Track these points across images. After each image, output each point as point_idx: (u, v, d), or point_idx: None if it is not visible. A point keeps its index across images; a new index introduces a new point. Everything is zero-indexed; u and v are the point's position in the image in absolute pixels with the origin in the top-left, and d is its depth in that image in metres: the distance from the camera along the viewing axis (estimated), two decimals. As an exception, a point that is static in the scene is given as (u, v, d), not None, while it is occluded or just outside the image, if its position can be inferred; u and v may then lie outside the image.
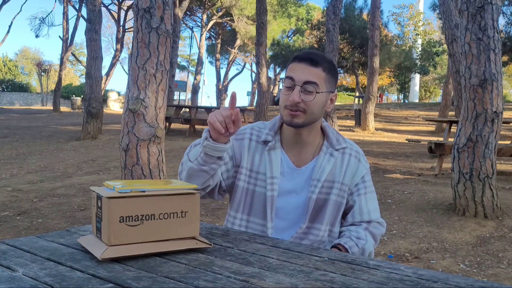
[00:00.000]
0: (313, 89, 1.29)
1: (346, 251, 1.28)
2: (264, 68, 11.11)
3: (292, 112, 1.29)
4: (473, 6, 3.81)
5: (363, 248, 1.32)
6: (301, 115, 1.30)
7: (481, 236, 3.48)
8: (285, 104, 1.31)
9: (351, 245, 1.30)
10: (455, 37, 7.74)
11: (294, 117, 1.30)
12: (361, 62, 20.77)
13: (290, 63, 1.34)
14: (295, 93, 1.28)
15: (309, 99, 1.29)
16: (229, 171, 1.39)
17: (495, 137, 3.87)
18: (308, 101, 1.29)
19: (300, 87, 1.28)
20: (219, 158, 1.24)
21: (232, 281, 0.81)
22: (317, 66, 1.31)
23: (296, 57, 1.35)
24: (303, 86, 1.29)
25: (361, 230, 1.37)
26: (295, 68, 1.31)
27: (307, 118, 1.31)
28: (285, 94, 1.31)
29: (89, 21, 9.94)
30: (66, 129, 12.48)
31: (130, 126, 3.25)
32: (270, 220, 1.35)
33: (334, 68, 1.36)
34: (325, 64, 1.32)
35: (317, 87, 1.29)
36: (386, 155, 7.93)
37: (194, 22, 30.46)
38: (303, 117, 1.30)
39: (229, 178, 1.40)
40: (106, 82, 23.54)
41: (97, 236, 0.97)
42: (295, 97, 1.28)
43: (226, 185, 1.40)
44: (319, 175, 1.35)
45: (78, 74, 49.85)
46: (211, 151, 1.21)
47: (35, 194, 4.99)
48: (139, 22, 3.27)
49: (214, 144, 1.20)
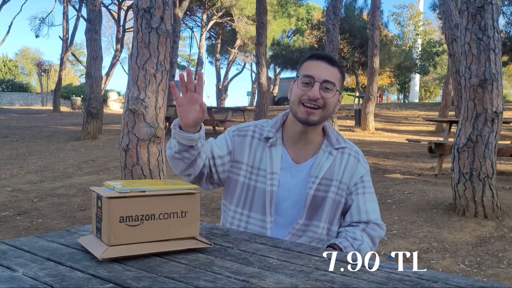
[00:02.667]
0: (331, 87, 1.33)
1: (340, 250, 1.29)
2: (264, 68, 11.11)
3: (308, 109, 1.32)
4: (473, 6, 3.81)
5: (358, 249, 1.33)
6: (318, 112, 1.33)
7: (481, 236, 3.48)
8: (301, 99, 1.33)
9: (346, 245, 1.31)
10: (455, 37, 7.74)
11: (310, 114, 1.32)
12: (361, 62, 20.77)
13: (306, 61, 1.38)
14: (315, 89, 1.31)
15: (328, 97, 1.33)
16: (224, 164, 1.40)
17: (495, 137, 3.87)
18: (328, 98, 1.33)
19: (320, 84, 1.32)
20: (191, 147, 1.25)
21: (232, 281, 0.81)
22: (335, 66, 1.36)
23: (313, 55, 1.38)
24: (323, 83, 1.32)
25: (358, 231, 1.37)
26: (314, 66, 1.34)
27: (322, 115, 1.34)
28: (303, 90, 1.33)
29: (89, 21, 9.94)
30: (66, 129, 12.48)
31: (130, 126, 3.25)
32: (269, 215, 1.36)
33: (343, 70, 1.42)
34: (339, 65, 1.38)
35: (334, 86, 1.34)
36: (386, 155, 7.93)
37: (194, 22, 30.48)
38: (319, 115, 1.33)
39: (224, 172, 1.41)
40: (106, 82, 23.55)
41: (97, 236, 0.97)
42: (315, 93, 1.31)
43: (220, 177, 1.41)
44: (317, 172, 1.37)
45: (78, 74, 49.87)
46: (182, 140, 1.24)
47: (35, 194, 4.99)
48: (139, 22, 3.27)
49: (181, 132, 1.23)
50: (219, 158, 1.39)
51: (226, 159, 1.40)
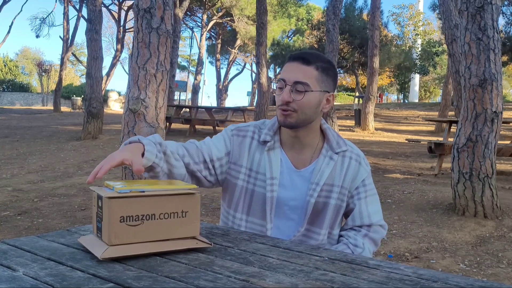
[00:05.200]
0: (302, 88, 1.28)
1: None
2: (264, 68, 11.11)
3: (284, 112, 1.30)
4: (473, 6, 3.81)
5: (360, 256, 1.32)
6: (293, 114, 1.29)
7: (480, 236, 3.48)
8: (278, 104, 1.31)
9: (348, 253, 1.30)
10: (455, 37, 7.74)
11: (287, 116, 1.30)
12: (361, 62, 20.79)
13: (286, 63, 1.35)
14: (285, 92, 1.28)
15: (298, 98, 1.28)
16: (223, 166, 1.37)
17: (495, 137, 3.87)
18: (298, 100, 1.28)
19: (290, 87, 1.28)
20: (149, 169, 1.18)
21: (233, 281, 0.81)
22: (309, 64, 1.29)
23: (289, 56, 1.35)
24: (294, 85, 1.28)
25: (359, 238, 1.36)
26: (287, 68, 1.32)
27: (299, 117, 1.30)
28: (277, 95, 1.32)
29: (90, 21, 9.95)
30: (67, 129, 12.48)
31: (131, 126, 3.25)
32: (269, 221, 1.34)
33: (331, 68, 1.34)
34: (318, 63, 1.30)
35: (307, 86, 1.28)
36: (386, 155, 7.93)
37: (195, 22, 30.50)
38: (295, 117, 1.29)
39: (223, 173, 1.38)
40: (107, 82, 23.54)
41: (97, 236, 0.97)
42: (284, 96, 1.28)
43: (219, 179, 1.38)
44: (318, 179, 1.34)
45: (78, 74, 49.88)
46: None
47: (35, 194, 4.99)
48: (140, 22, 3.27)
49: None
50: (217, 161, 1.36)
51: (224, 160, 1.37)
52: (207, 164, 1.35)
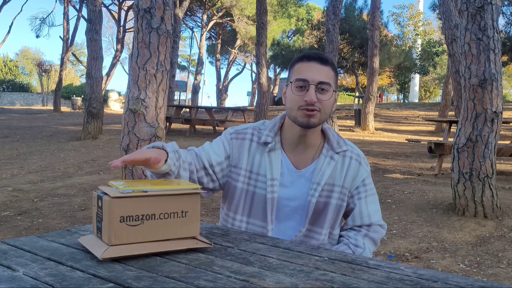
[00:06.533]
0: (326, 88, 1.29)
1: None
2: (264, 68, 11.11)
3: (308, 112, 1.27)
4: (473, 6, 3.81)
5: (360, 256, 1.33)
6: (317, 114, 1.28)
7: (480, 236, 3.48)
8: (299, 105, 1.28)
9: (349, 253, 1.30)
10: (455, 37, 7.74)
11: (311, 117, 1.28)
12: (361, 62, 20.78)
13: (297, 63, 1.32)
14: (311, 93, 1.26)
15: (325, 98, 1.28)
16: (223, 170, 1.37)
17: (495, 137, 3.87)
18: (324, 100, 1.28)
19: (315, 87, 1.27)
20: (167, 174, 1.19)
21: (233, 281, 0.81)
22: (327, 65, 1.31)
23: (303, 56, 1.33)
24: (318, 85, 1.28)
25: (360, 238, 1.37)
26: (306, 68, 1.29)
27: (321, 117, 1.30)
28: (299, 95, 1.28)
29: (90, 21, 9.95)
30: (67, 129, 12.48)
31: (131, 126, 3.25)
32: (270, 222, 1.34)
33: (336, 68, 1.38)
34: (331, 63, 1.33)
35: (329, 86, 1.29)
36: (386, 155, 7.93)
37: (195, 22, 30.49)
38: (318, 117, 1.29)
39: (224, 177, 1.38)
40: (107, 82, 23.54)
41: (97, 236, 0.97)
42: (312, 97, 1.26)
43: (220, 183, 1.38)
44: (319, 179, 1.34)
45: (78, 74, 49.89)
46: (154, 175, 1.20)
47: (35, 194, 4.99)
48: (140, 22, 3.27)
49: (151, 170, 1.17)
50: (217, 165, 1.35)
51: (225, 164, 1.37)
52: (207, 170, 1.34)
